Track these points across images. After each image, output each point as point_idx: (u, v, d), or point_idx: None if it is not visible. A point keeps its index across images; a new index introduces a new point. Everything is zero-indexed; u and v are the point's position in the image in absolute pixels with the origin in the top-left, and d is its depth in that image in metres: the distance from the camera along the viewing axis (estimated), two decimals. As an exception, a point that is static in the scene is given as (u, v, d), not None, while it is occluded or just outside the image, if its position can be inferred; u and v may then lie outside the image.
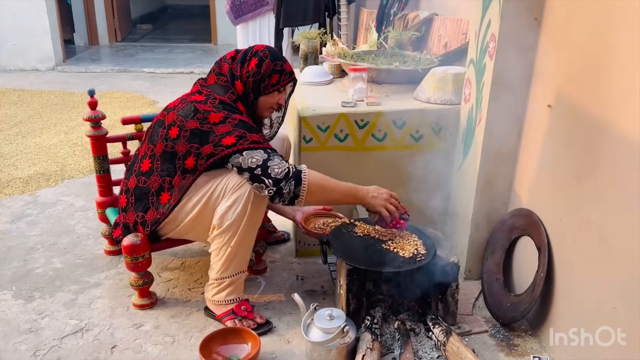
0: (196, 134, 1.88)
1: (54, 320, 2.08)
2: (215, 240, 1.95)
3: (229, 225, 1.90)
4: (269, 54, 1.99)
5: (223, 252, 1.95)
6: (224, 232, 1.91)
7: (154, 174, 1.97)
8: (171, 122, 1.93)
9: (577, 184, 1.73)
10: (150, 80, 6.20)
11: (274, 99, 2.05)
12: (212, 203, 1.92)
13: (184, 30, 9.80)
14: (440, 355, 1.87)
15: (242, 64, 1.99)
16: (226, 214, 1.89)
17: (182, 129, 1.90)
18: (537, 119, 1.99)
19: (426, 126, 2.39)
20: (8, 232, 2.76)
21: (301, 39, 3.13)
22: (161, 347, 1.94)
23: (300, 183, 1.84)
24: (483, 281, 2.18)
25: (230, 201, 1.88)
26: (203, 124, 1.88)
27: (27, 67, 6.64)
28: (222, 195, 1.90)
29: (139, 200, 2.01)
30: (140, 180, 2.00)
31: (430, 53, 2.86)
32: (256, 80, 1.98)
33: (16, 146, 3.97)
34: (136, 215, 2.01)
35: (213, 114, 1.89)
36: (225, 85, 2.00)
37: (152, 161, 1.98)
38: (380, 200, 1.96)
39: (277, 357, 1.90)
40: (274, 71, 1.99)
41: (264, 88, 2.00)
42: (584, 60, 1.71)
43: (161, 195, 1.96)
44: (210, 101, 1.93)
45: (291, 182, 1.83)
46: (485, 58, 2.07)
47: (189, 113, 1.90)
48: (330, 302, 2.19)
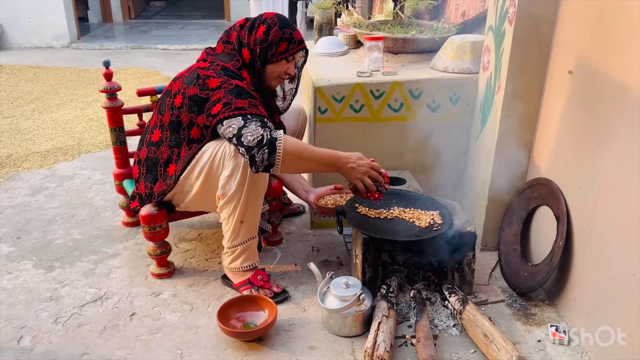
0: (195, 101, 1.86)
1: (74, 289, 2.12)
2: (223, 210, 1.95)
3: (232, 194, 1.89)
4: (278, 21, 1.94)
5: (231, 221, 1.95)
6: (228, 202, 1.91)
7: (163, 144, 1.97)
8: (176, 90, 1.93)
9: (598, 150, 1.69)
10: (164, 57, 6.19)
11: (282, 67, 1.99)
12: (215, 172, 1.90)
13: (196, 7, 9.75)
14: (456, 323, 1.87)
15: (250, 31, 1.95)
16: (227, 184, 1.88)
17: (184, 96, 1.88)
18: (557, 85, 1.95)
19: (443, 96, 2.36)
20: (27, 204, 2.80)
21: (315, 10, 3.09)
22: (179, 314, 1.97)
23: (274, 151, 1.73)
24: (500, 252, 2.16)
25: (229, 170, 1.87)
26: (202, 90, 1.85)
27: (42, 44, 6.67)
28: (222, 163, 1.88)
29: (150, 171, 2.02)
30: (151, 150, 2.01)
31: (447, 22, 2.81)
32: (263, 47, 1.93)
33: (33, 121, 4.00)
34: (145, 186, 2.03)
35: (212, 79, 1.85)
36: (232, 52, 1.97)
37: (161, 131, 1.98)
38: (357, 172, 1.85)
39: (293, 324, 1.91)
40: (282, 39, 1.94)
41: (271, 56, 1.95)
42: (605, 25, 1.66)
43: (169, 167, 1.97)
44: (212, 67, 1.90)
45: (265, 150, 1.73)
46: (505, 24, 2.02)
47: (192, 80, 1.88)
48: (346, 272, 2.19)
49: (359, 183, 1.86)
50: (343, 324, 1.83)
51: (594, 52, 1.73)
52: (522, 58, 1.99)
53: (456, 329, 1.86)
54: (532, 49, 1.98)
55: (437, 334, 1.84)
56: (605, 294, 1.67)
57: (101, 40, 6.98)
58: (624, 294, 1.56)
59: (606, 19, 1.65)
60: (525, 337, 1.84)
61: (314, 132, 2.40)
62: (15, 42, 6.62)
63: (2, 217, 2.67)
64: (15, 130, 3.82)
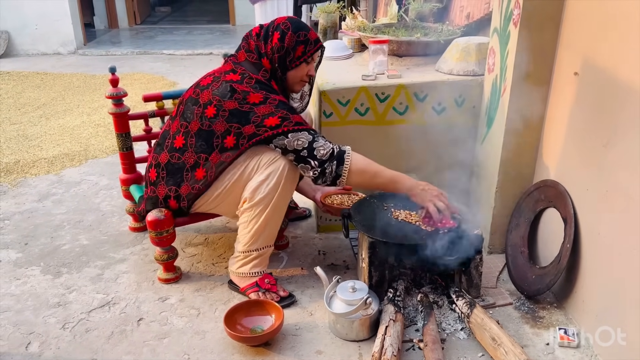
0: (235, 114, 1.87)
1: (82, 294, 2.12)
2: (245, 213, 1.95)
3: (261, 198, 1.90)
4: (291, 26, 1.95)
5: (252, 225, 1.95)
6: (255, 206, 1.92)
7: (188, 151, 1.97)
8: (207, 101, 1.91)
9: (605, 151, 1.68)
10: (170, 62, 6.22)
11: (303, 71, 2.01)
12: (245, 177, 1.92)
13: (202, 12, 9.78)
14: (464, 327, 1.86)
15: (266, 40, 1.96)
16: (259, 188, 1.89)
17: (220, 109, 1.89)
18: (563, 87, 1.94)
19: (449, 98, 2.35)
20: (35, 210, 2.81)
21: (320, 13, 3.09)
22: (186, 319, 1.97)
23: (342, 163, 1.85)
24: (507, 254, 2.15)
25: (263, 175, 1.89)
26: (242, 104, 1.87)
27: (48, 51, 6.71)
28: (255, 169, 1.91)
29: (171, 174, 2.01)
30: (174, 156, 2.00)
31: (452, 24, 2.80)
32: (281, 55, 1.94)
33: (40, 128, 4.03)
34: (168, 189, 2.02)
35: (252, 94, 1.88)
36: (256, 62, 1.98)
37: (185, 138, 1.97)
38: (429, 195, 1.91)
39: (300, 328, 1.91)
40: (297, 42, 1.95)
41: (290, 62, 1.96)
42: (611, 25, 1.65)
43: (196, 171, 1.96)
44: (246, 81, 1.91)
45: (334, 162, 1.84)
46: (510, 26, 2.01)
47: (226, 93, 1.89)
48: (352, 276, 2.19)
49: (431, 206, 1.89)
50: (350, 328, 1.83)
51: (600, 53, 1.72)
52: (527, 60, 1.98)
53: (464, 333, 1.85)
54: (538, 50, 1.97)
55: (445, 337, 1.83)
56: (613, 296, 1.66)
57: (107, 46, 7.02)
58: (633, 296, 1.54)
59: (611, 20, 1.65)
60: (534, 340, 1.83)
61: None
62: (22, 48, 6.67)
63: (10, 223, 2.69)
64: (22, 136, 3.85)
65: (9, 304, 2.07)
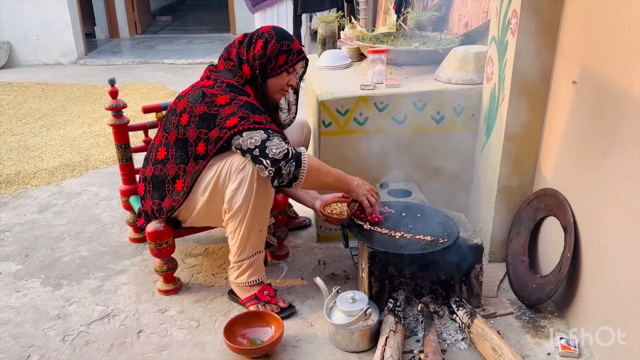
0: (204, 119, 1.87)
1: (82, 306, 2.12)
2: (229, 223, 1.95)
3: (239, 207, 1.89)
4: (275, 35, 1.95)
5: (237, 235, 1.95)
6: (234, 215, 1.91)
7: (169, 162, 1.98)
8: (182, 109, 1.93)
9: (604, 160, 1.68)
10: (170, 71, 6.24)
11: (283, 80, 2.00)
12: (221, 186, 1.91)
13: (202, 21, 9.83)
14: (464, 337, 1.85)
15: (249, 47, 1.96)
16: (234, 197, 1.88)
17: (192, 114, 1.90)
18: (561, 95, 1.94)
19: (447, 107, 2.35)
20: (35, 221, 2.81)
21: (319, 23, 3.10)
22: (186, 331, 1.96)
23: (300, 165, 1.81)
24: (508, 263, 2.15)
25: (235, 184, 1.87)
26: (210, 107, 1.87)
27: (50, 61, 6.75)
28: (228, 177, 1.89)
29: (156, 188, 2.03)
30: (157, 168, 2.01)
31: (450, 33, 2.81)
32: (262, 62, 1.94)
33: (41, 138, 4.04)
34: (152, 202, 2.03)
35: (220, 97, 1.87)
36: (233, 69, 1.98)
37: (167, 149, 1.99)
38: (363, 190, 1.97)
39: (300, 340, 1.90)
40: (280, 52, 1.94)
41: (272, 70, 1.95)
42: (609, 34, 1.65)
43: (176, 183, 1.97)
44: (217, 85, 1.91)
45: (292, 163, 1.80)
46: (508, 35, 2.02)
47: (198, 98, 1.90)
48: (353, 286, 2.18)
49: (365, 200, 1.97)
50: (350, 340, 1.82)
51: (598, 62, 1.72)
52: (525, 69, 1.98)
53: (465, 343, 1.84)
54: (536, 59, 1.97)
55: (446, 348, 1.82)
56: (614, 305, 1.65)
57: (108, 56, 7.05)
58: (633, 305, 1.53)
59: (610, 29, 1.65)
60: (535, 350, 1.82)
61: (319, 145, 2.40)
62: (24, 59, 6.70)
63: (10, 234, 2.69)
64: (23, 147, 3.86)
65: (9, 316, 2.07)
